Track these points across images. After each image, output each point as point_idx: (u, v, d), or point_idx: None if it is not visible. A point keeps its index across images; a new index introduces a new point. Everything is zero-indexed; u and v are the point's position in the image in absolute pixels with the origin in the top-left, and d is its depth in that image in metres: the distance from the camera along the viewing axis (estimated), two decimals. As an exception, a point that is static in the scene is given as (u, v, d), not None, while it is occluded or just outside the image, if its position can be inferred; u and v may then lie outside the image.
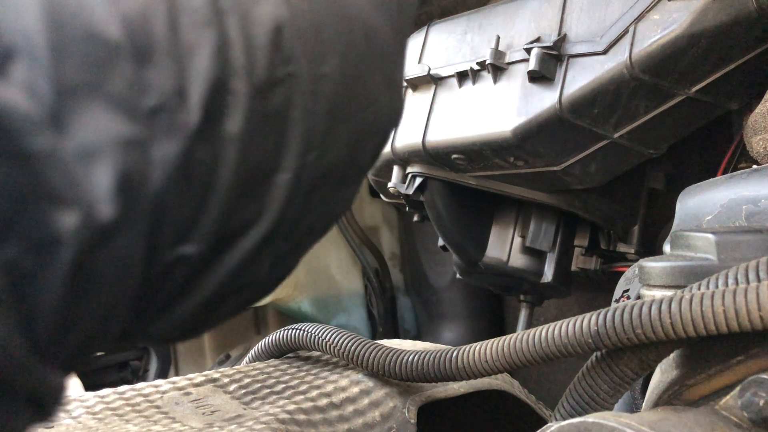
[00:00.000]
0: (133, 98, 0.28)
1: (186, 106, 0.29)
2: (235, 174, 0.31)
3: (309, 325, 0.86)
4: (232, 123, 0.31)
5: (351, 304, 2.12)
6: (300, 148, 0.34)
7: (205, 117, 0.30)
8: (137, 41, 0.28)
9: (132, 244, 0.28)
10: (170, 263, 0.31)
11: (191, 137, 0.29)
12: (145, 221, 0.29)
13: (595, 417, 0.45)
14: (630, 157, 1.05)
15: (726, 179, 0.62)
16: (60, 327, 0.28)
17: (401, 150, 1.21)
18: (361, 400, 0.77)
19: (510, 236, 1.29)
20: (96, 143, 0.27)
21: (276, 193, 0.34)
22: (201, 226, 0.31)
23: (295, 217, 0.36)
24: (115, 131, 0.27)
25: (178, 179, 0.29)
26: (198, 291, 0.33)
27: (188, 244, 0.31)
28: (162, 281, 0.31)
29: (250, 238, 0.34)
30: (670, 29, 0.88)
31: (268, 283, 0.38)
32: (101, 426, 0.69)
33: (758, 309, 0.46)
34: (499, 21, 1.12)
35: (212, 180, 0.31)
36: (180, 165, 0.29)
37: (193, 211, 0.31)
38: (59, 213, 0.26)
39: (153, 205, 0.29)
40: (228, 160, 0.31)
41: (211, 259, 0.33)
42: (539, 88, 1.00)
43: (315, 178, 0.35)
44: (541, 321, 1.69)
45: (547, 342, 0.59)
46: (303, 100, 0.33)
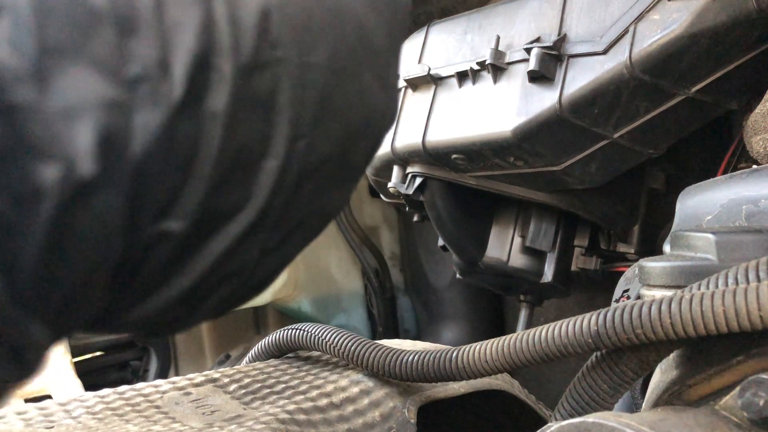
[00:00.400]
0: (115, 64, 0.29)
1: (169, 78, 0.30)
2: (219, 153, 0.32)
3: (309, 325, 0.86)
4: (216, 100, 0.31)
5: (351, 304, 2.12)
6: (288, 135, 0.34)
7: (188, 91, 0.30)
8: (121, 11, 0.29)
9: (112, 204, 0.29)
10: (153, 237, 0.32)
11: (174, 109, 0.30)
12: (125, 184, 0.29)
13: (595, 417, 0.45)
14: (630, 157, 1.05)
15: (726, 179, 0.62)
16: (41, 279, 0.28)
17: (401, 150, 1.21)
18: (361, 400, 0.77)
19: (510, 236, 1.29)
20: (78, 102, 0.28)
21: (263, 180, 0.34)
22: (184, 202, 0.32)
23: (284, 208, 0.36)
24: (97, 92, 0.28)
25: (161, 149, 0.30)
26: (183, 274, 0.34)
27: (171, 219, 0.32)
28: (146, 256, 0.32)
29: (236, 224, 0.34)
30: (670, 29, 0.88)
31: (256, 276, 0.38)
32: (101, 426, 0.69)
33: (758, 309, 0.46)
34: (499, 21, 1.12)
35: (196, 156, 0.31)
36: (163, 135, 0.30)
37: (176, 186, 0.31)
38: (41, 166, 0.27)
39: (134, 169, 0.29)
40: (212, 137, 0.31)
41: (197, 242, 0.33)
42: (539, 88, 1.00)
43: (305, 169, 0.35)
44: (541, 321, 1.69)
45: (547, 342, 0.59)
46: (291, 87, 0.34)
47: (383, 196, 1.45)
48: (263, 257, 0.37)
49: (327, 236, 2.08)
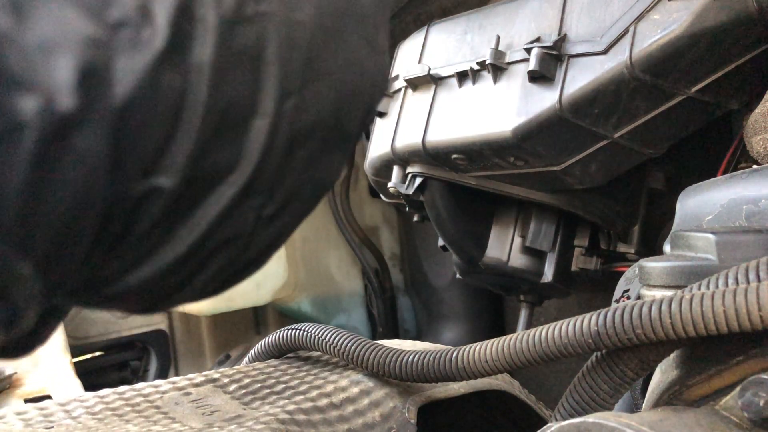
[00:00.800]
0: (96, 6, 0.29)
1: (151, 24, 0.30)
2: (206, 107, 0.32)
3: (309, 325, 0.86)
4: (200, 52, 0.31)
5: (351, 304, 2.12)
6: (276, 93, 0.34)
7: (171, 39, 0.30)
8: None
9: (95, 146, 0.29)
10: (143, 194, 0.32)
11: (157, 57, 0.30)
12: (108, 126, 0.29)
13: (596, 417, 0.45)
14: (630, 157, 1.05)
15: (726, 179, 0.62)
16: (26, 214, 0.29)
17: (401, 150, 1.21)
18: (361, 401, 0.77)
19: (510, 236, 1.29)
20: (57, 35, 0.28)
21: (254, 138, 0.34)
22: (173, 157, 0.32)
23: (277, 172, 0.36)
24: (77, 28, 0.28)
25: (145, 97, 0.30)
26: (177, 238, 0.34)
27: (161, 175, 0.32)
28: (136, 214, 0.32)
29: (229, 185, 0.34)
30: (671, 29, 0.88)
31: (253, 246, 0.38)
32: (101, 426, 0.69)
33: (758, 309, 0.46)
34: (499, 21, 1.12)
35: (182, 108, 0.31)
36: (146, 82, 0.30)
37: (164, 139, 0.31)
38: (20, 97, 0.27)
39: (117, 113, 0.29)
40: (198, 90, 0.31)
41: (189, 202, 0.33)
42: (539, 88, 1.00)
43: (296, 132, 0.35)
44: (541, 321, 1.69)
45: (547, 342, 0.59)
46: (277, 43, 0.34)
47: (383, 196, 1.45)
48: (259, 226, 0.37)
49: (327, 236, 2.08)
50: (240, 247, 0.37)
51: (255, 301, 1.92)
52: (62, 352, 1.57)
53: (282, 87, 0.34)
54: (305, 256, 2.02)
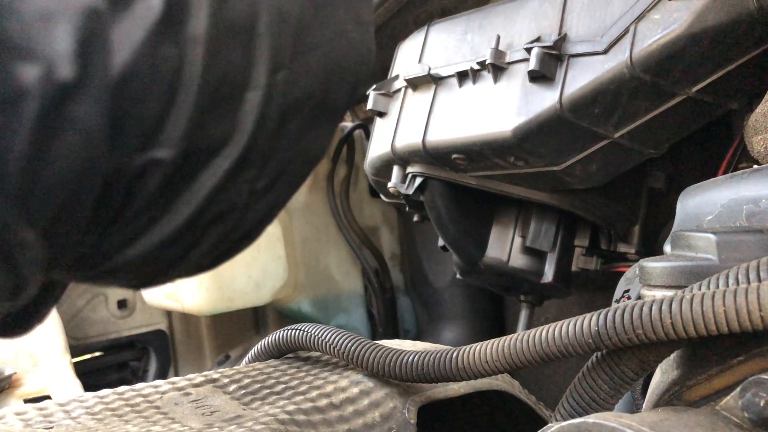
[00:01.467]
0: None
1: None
2: (202, 79, 0.32)
3: (309, 325, 0.86)
4: (195, 24, 0.32)
5: (351, 305, 2.12)
6: (268, 65, 0.35)
7: (166, 11, 0.31)
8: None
9: (94, 114, 0.30)
10: (142, 166, 0.32)
11: (154, 28, 0.31)
12: (107, 95, 0.30)
13: (596, 417, 0.45)
14: (631, 157, 1.05)
15: (726, 179, 0.62)
16: (28, 180, 0.29)
17: (401, 150, 1.21)
18: (360, 401, 0.77)
19: (510, 236, 1.29)
20: (55, 5, 0.28)
21: (247, 111, 0.35)
22: (171, 129, 0.32)
23: (269, 145, 0.36)
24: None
25: (142, 68, 0.31)
26: (174, 211, 0.34)
27: (159, 147, 0.32)
28: (135, 186, 0.33)
29: (224, 158, 0.35)
30: (671, 29, 0.88)
31: (247, 220, 0.38)
32: (101, 426, 0.69)
33: (758, 309, 0.46)
34: (499, 20, 1.12)
35: (179, 81, 0.32)
36: (143, 53, 0.30)
37: (161, 111, 0.32)
38: (21, 66, 0.28)
39: (115, 82, 0.30)
40: (194, 62, 0.32)
41: (186, 174, 0.34)
42: (539, 88, 1.00)
43: (287, 104, 0.36)
44: (542, 321, 1.69)
45: (547, 342, 0.59)
46: (269, 16, 0.34)
47: (383, 196, 1.44)
48: (253, 199, 0.37)
49: (327, 236, 2.08)
50: (234, 220, 0.37)
51: (255, 301, 1.92)
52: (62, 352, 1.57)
53: (274, 59, 0.35)
54: (305, 256, 2.02)
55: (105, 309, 1.94)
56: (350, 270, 2.12)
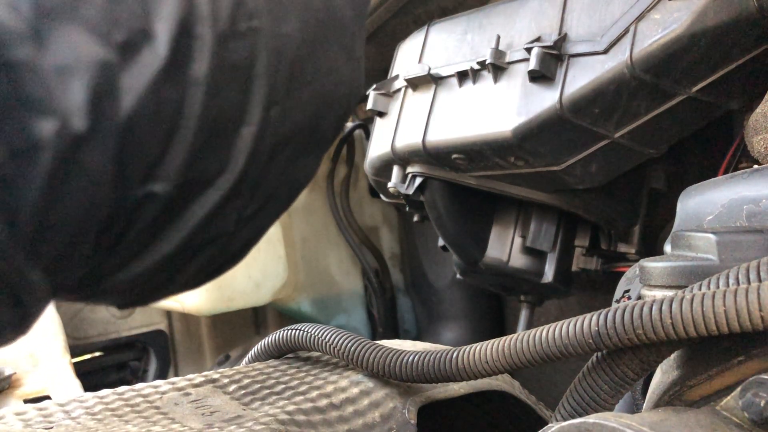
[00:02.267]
0: (105, 28, 0.30)
1: (154, 43, 0.32)
2: (201, 118, 0.34)
3: (309, 325, 0.86)
4: (198, 67, 0.33)
5: (351, 305, 2.12)
6: (264, 102, 0.36)
7: (172, 57, 0.32)
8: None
9: (101, 160, 0.31)
10: (140, 199, 0.33)
11: (159, 73, 0.32)
12: (114, 142, 0.31)
13: (596, 417, 0.45)
14: (631, 156, 1.05)
15: (727, 179, 0.62)
16: (40, 228, 0.30)
17: (401, 150, 1.21)
18: (361, 401, 0.77)
19: (510, 236, 1.29)
20: (72, 60, 0.30)
21: (241, 146, 0.36)
22: (168, 165, 0.33)
23: (260, 175, 0.38)
24: (89, 52, 0.30)
25: (147, 111, 0.32)
26: (166, 239, 0.36)
27: (157, 182, 0.33)
28: (133, 217, 0.34)
29: (216, 189, 0.36)
30: (671, 29, 0.88)
31: (233, 245, 0.40)
32: (100, 427, 0.69)
33: (759, 309, 0.46)
34: (499, 20, 1.12)
35: (179, 120, 0.33)
36: (149, 97, 0.32)
37: (161, 149, 0.33)
38: (39, 120, 0.29)
39: (122, 128, 0.31)
40: (194, 102, 0.33)
41: (180, 205, 0.35)
42: (540, 88, 1.00)
43: (279, 137, 0.37)
44: (542, 321, 1.69)
45: (547, 342, 0.59)
46: (266, 56, 0.36)
47: (383, 196, 1.44)
48: (240, 225, 0.39)
49: (327, 236, 2.08)
50: (222, 245, 0.39)
51: (255, 301, 1.92)
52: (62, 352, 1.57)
53: (268, 97, 0.36)
54: (305, 256, 2.02)
55: (105, 309, 1.94)
56: (350, 270, 2.12)
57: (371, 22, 1.49)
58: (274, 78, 0.36)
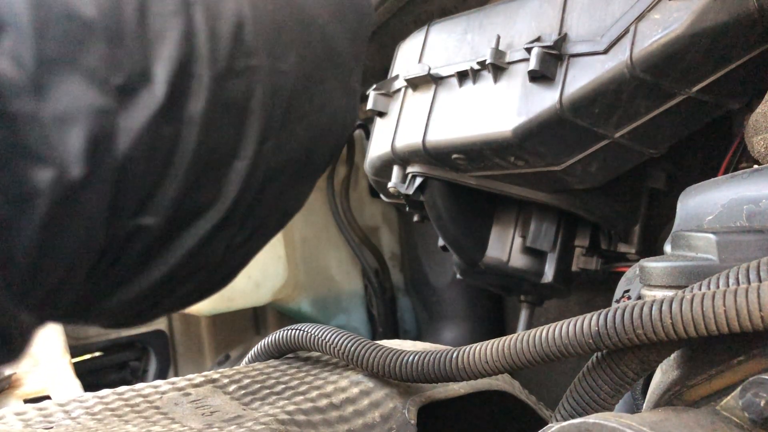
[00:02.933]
0: (104, 74, 0.31)
1: (152, 85, 0.32)
2: (195, 154, 0.34)
3: (308, 325, 0.86)
4: (194, 105, 0.33)
5: (351, 305, 2.12)
6: (258, 137, 0.36)
7: (169, 97, 0.32)
8: (110, 23, 0.31)
9: (97, 203, 0.31)
10: (130, 232, 0.34)
11: (156, 113, 0.32)
12: (109, 184, 0.31)
13: (596, 417, 0.45)
14: (631, 156, 1.05)
15: (727, 179, 0.62)
16: (32, 272, 0.31)
17: (401, 150, 1.21)
18: (361, 401, 0.77)
19: (510, 236, 1.29)
20: (71, 110, 0.30)
21: (233, 179, 0.36)
22: (160, 199, 0.34)
23: (249, 207, 0.38)
24: (88, 100, 0.30)
25: (143, 150, 0.32)
26: (156, 267, 0.36)
27: (147, 215, 0.34)
28: (123, 248, 0.34)
29: (206, 220, 0.36)
30: (671, 29, 0.88)
31: (220, 272, 0.40)
32: (100, 426, 0.69)
33: (759, 309, 0.46)
34: (499, 20, 1.12)
35: (174, 156, 0.33)
36: (145, 137, 0.32)
37: (155, 184, 0.33)
38: (36, 169, 0.29)
39: (118, 170, 0.32)
40: (189, 139, 0.34)
41: (169, 236, 0.35)
42: (540, 88, 1.00)
43: (271, 170, 0.38)
44: (542, 321, 1.68)
45: (547, 342, 0.59)
46: (263, 92, 0.36)
47: (383, 196, 1.44)
48: (229, 253, 0.39)
49: (327, 236, 2.08)
50: (209, 273, 0.39)
51: (255, 301, 1.92)
52: (62, 352, 1.57)
53: (263, 132, 0.36)
54: (305, 256, 2.02)
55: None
56: (350, 270, 2.12)
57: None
58: (270, 113, 0.36)
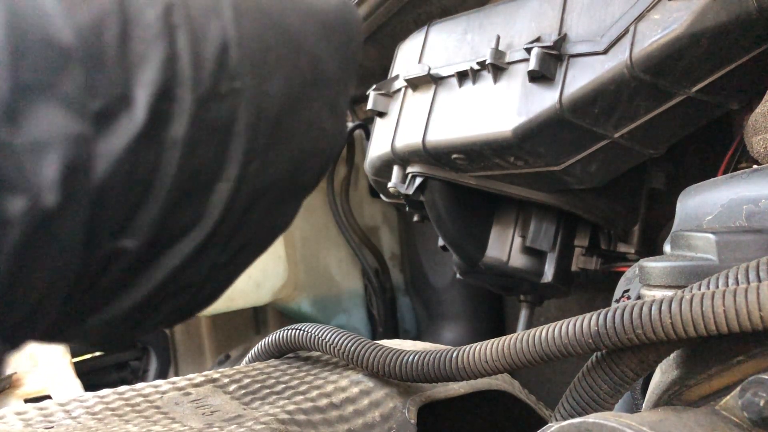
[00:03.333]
0: (82, 100, 0.30)
1: (132, 109, 0.31)
2: (176, 177, 0.33)
3: (309, 325, 0.86)
4: (176, 128, 0.33)
5: (351, 304, 2.12)
6: (242, 159, 0.35)
7: (150, 121, 0.32)
8: (89, 49, 0.30)
9: (72, 229, 0.31)
10: (109, 254, 0.33)
11: (136, 138, 0.31)
12: (85, 210, 0.31)
13: (596, 417, 0.45)
14: (630, 157, 1.05)
15: (726, 179, 0.62)
16: (4, 299, 0.30)
17: (401, 150, 1.21)
18: (361, 401, 0.77)
19: (510, 236, 1.29)
20: (46, 138, 0.29)
21: (216, 201, 0.35)
22: (140, 221, 0.33)
23: (234, 227, 0.37)
24: (64, 128, 0.30)
25: (121, 175, 0.31)
26: (136, 288, 0.35)
27: (127, 237, 0.33)
28: (102, 271, 0.33)
29: (188, 242, 0.35)
30: (671, 29, 0.88)
31: (204, 291, 0.39)
32: (101, 426, 0.69)
33: (758, 309, 0.46)
34: (499, 20, 1.12)
35: (154, 180, 0.33)
36: (124, 162, 0.31)
37: (134, 207, 0.33)
38: (8, 198, 0.29)
39: (94, 195, 0.31)
40: (170, 163, 0.33)
41: (150, 258, 0.35)
42: (539, 88, 1.00)
43: (255, 191, 0.37)
44: (542, 321, 1.69)
45: (547, 342, 0.59)
46: (247, 115, 0.35)
47: (383, 196, 1.44)
48: (213, 273, 0.38)
49: (327, 236, 2.08)
50: (193, 292, 0.38)
51: (255, 301, 1.92)
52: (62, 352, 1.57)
53: (247, 153, 0.36)
54: (305, 256, 2.02)
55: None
56: (350, 270, 2.12)
57: (371, 22, 1.49)
58: (254, 135, 0.36)
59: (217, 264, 0.38)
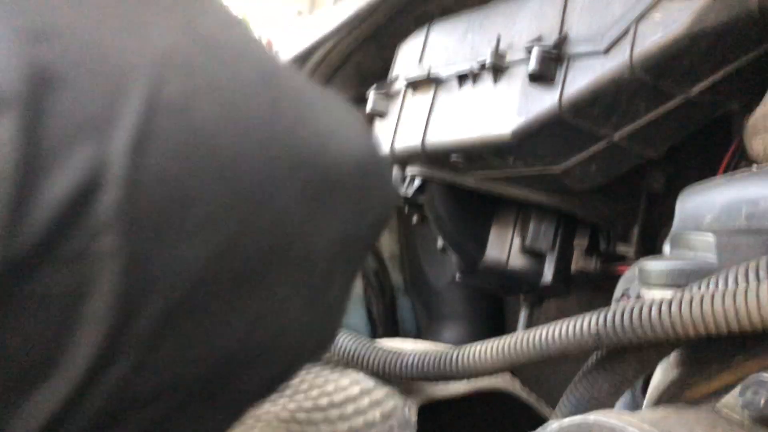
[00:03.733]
0: None
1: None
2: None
3: (309, 324, 0.86)
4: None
5: (351, 305, 2.12)
6: (92, 360, 0.25)
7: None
8: None
9: None
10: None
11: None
12: None
13: (597, 415, 0.45)
14: (630, 157, 1.05)
15: (726, 180, 0.62)
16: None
17: (401, 151, 1.21)
18: (361, 400, 0.77)
19: (509, 237, 1.29)
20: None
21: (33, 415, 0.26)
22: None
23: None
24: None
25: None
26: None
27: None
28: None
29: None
30: (672, 29, 0.88)
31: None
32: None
33: (758, 309, 0.46)
34: (500, 20, 1.12)
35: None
36: None
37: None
38: None
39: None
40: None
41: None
42: (539, 89, 1.00)
43: (123, 404, 0.27)
44: (542, 321, 1.68)
45: (547, 342, 0.59)
46: (113, 291, 0.24)
47: (383, 197, 1.44)
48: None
49: (327, 236, 2.07)
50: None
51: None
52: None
53: (103, 351, 0.26)
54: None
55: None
56: (350, 270, 2.12)
57: (371, 22, 1.49)
58: (123, 325, 0.25)
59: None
